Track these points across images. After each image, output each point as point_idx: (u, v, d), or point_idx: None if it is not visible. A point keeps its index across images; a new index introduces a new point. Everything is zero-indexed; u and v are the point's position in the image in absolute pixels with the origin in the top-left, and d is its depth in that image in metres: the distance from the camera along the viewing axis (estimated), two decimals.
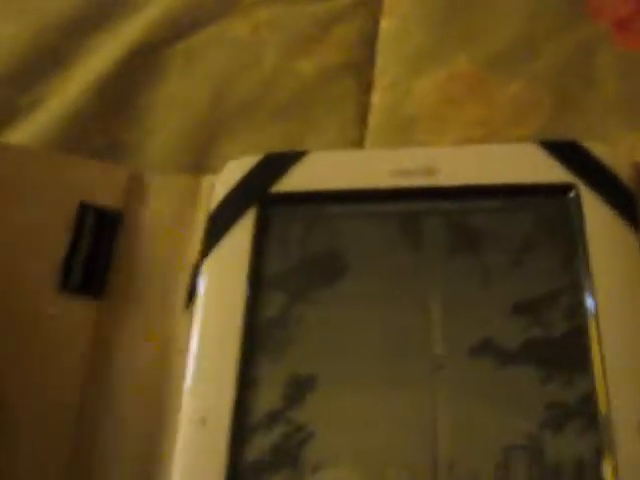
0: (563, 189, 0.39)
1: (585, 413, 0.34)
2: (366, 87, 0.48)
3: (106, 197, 0.45)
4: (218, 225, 0.41)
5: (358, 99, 0.48)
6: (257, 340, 0.38)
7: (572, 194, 0.39)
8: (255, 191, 0.42)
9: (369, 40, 0.50)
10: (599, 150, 0.40)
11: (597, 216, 0.38)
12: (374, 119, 0.47)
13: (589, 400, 0.35)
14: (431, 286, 0.38)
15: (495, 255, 0.39)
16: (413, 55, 0.49)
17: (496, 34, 0.49)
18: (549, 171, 0.40)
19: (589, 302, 0.37)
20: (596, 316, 0.36)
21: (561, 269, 0.38)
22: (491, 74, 0.47)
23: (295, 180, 0.42)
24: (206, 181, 0.45)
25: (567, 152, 0.40)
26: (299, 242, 0.41)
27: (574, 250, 0.38)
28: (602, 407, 0.34)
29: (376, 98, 0.48)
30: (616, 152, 0.40)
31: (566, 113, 0.46)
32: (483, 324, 0.37)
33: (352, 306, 0.38)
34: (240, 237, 0.41)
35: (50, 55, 0.52)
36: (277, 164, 0.42)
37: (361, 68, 0.49)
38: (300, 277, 0.40)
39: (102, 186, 0.45)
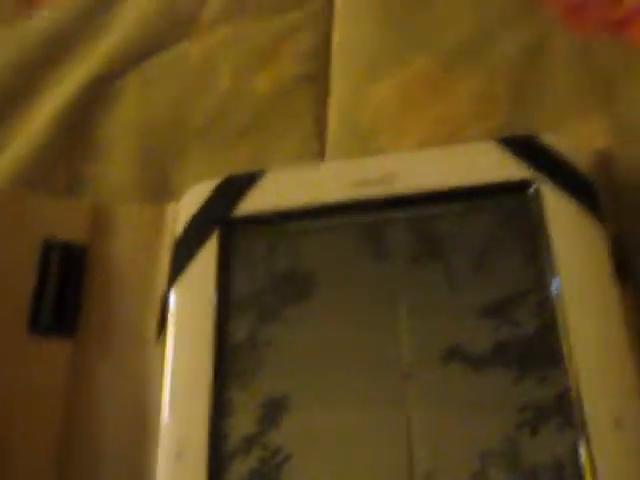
0: (522, 185, 0.39)
1: (561, 412, 0.34)
2: (323, 99, 0.48)
3: (71, 232, 0.44)
4: (183, 251, 0.41)
5: (316, 112, 0.47)
6: (228, 365, 0.38)
7: (532, 189, 0.39)
8: (217, 214, 0.41)
9: (323, 51, 0.50)
10: (556, 142, 0.40)
11: (558, 209, 0.38)
12: (333, 131, 0.46)
13: (564, 398, 0.34)
14: (398, 296, 0.38)
15: (459, 259, 0.38)
16: (367, 62, 0.49)
17: (450, 31, 0.48)
18: (507, 168, 0.40)
19: (557, 297, 0.36)
20: (564, 311, 0.36)
21: (526, 267, 0.37)
22: (448, 72, 0.47)
23: (256, 200, 0.41)
24: (170, 208, 0.44)
25: (524, 147, 0.40)
26: (264, 262, 0.40)
27: (538, 246, 0.38)
28: (577, 404, 0.34)
29: (333, 109, 0.47)
30: (573, 142, 0.40)
31: (525, 105, 0.46)
32: (452, 330, 0.37)
33: (321, 323, 0.38)
34: (205, 262, 0.40)
35: (8, 96, 0.52)
36: (237, 186, 0.42)
37: (317, 80, 0.49)
38: (268, 297, 0.39)
39: (66, 222, 0.45)
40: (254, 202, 0.41)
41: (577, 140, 0.42)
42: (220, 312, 0.39)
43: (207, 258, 0.40)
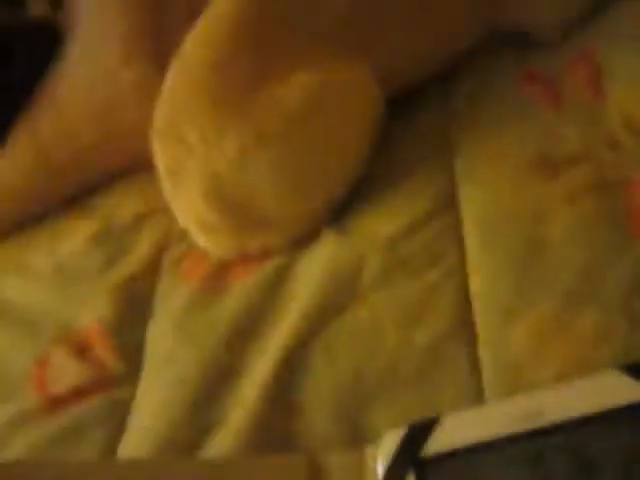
0: None
1: None
2: (473, 344, 0.60)
3: None
4: None
5: (469, 356, 0.59)
6: None
7: None
8: (409, 458, 0.53)
9: (462, 302, 0.63)
10: None
11: None
12: (486, 370, 0.58)
13: None
14: None
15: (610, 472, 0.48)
16: (504, 307, 0.61)
17: (563, 276, 0.60)
18: (630, 392, 0.50)
19: None
20: None
21: None
22: (567, 312, 0.58)
23: (438, 442, 0.53)
24: (368, 452, 0.56)
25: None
26: None
27: None
28: None
29: (483, 353, 0.59)
30: None
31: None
32: None
33: None
34: None
35: (223, 372, 0.66)
36: (420, 431, 0.54)
37: (465, 328, 0.61)
38: None
39: (288, 474, 0.57)
40: (437, 443, 0.53)
41: None
42: None
43: None
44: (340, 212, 0.74)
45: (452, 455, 0.52)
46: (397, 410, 0.59)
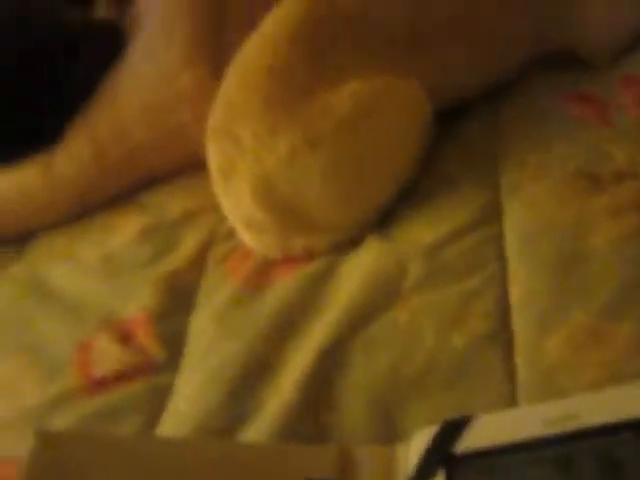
0: None
1: None
2: (510, 351, 0.61)
3: (325, 472, 0.57)
4: None
5: (505, 363, 0.60)
6: None
7: None
8: (441, 454, 0.54)
9: (501, 310, 0.63)
10: None
11: None
12: (521, 376, 0.59)
13: None
14: None
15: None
16: (542, 316, 0.62)
17: (601, 288, 0.61)
18: None
19: None
20: None
21: None
22: (603, 322, 0.59)
23: (470, 441, 0.54)
24: (400, 448, 0.57)
25: None
26: None
27: None
28: None
29: (519, 359, 0.60)
30: None
31: None
32: None
33: None
34: None
35: (261, 365, 0.67)
36: (453, 429, 0.55)
37: (502, 334, 0.62)
38: None
39: (320, 463, 0.58)
40: (469, 442, 0.54)
41: None
42: None
43: None
44: (384, 219, 0.75)
45: (483, 454, 0.53)
46: (431, 410, 0.60)
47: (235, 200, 0.77)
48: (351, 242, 0.75)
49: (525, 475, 0.52)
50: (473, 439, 0.54)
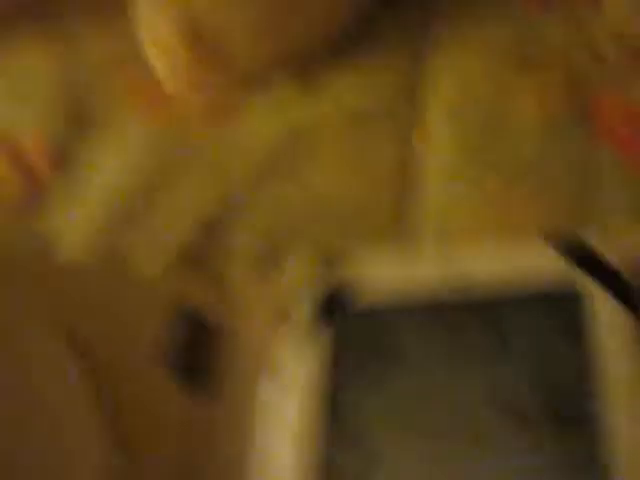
0: (566, 283, 0.49)
1: None
2: None
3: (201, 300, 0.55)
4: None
5: None
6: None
7: (576, 289, 0.49)
8: (331, 310, 0.53)
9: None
10: (600, 242, 0.50)
11: (600, 309, 0.48)
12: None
13: None
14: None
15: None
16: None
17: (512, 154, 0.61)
18: (553, 265, 0.50)
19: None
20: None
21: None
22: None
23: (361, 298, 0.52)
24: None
25: (569, 246, 0.50)
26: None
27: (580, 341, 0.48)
28: None
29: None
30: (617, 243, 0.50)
31: (575, 213, 0.57)
32: None
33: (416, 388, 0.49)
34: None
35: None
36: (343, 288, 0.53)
37: None
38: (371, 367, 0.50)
39: (197, 291, 0.56)
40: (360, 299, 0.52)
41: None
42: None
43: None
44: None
45: (371, 314, 0.52)
46: None
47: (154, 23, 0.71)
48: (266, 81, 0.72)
49: (415, 337, 0.51)
50: (364, 296, 0.53)
